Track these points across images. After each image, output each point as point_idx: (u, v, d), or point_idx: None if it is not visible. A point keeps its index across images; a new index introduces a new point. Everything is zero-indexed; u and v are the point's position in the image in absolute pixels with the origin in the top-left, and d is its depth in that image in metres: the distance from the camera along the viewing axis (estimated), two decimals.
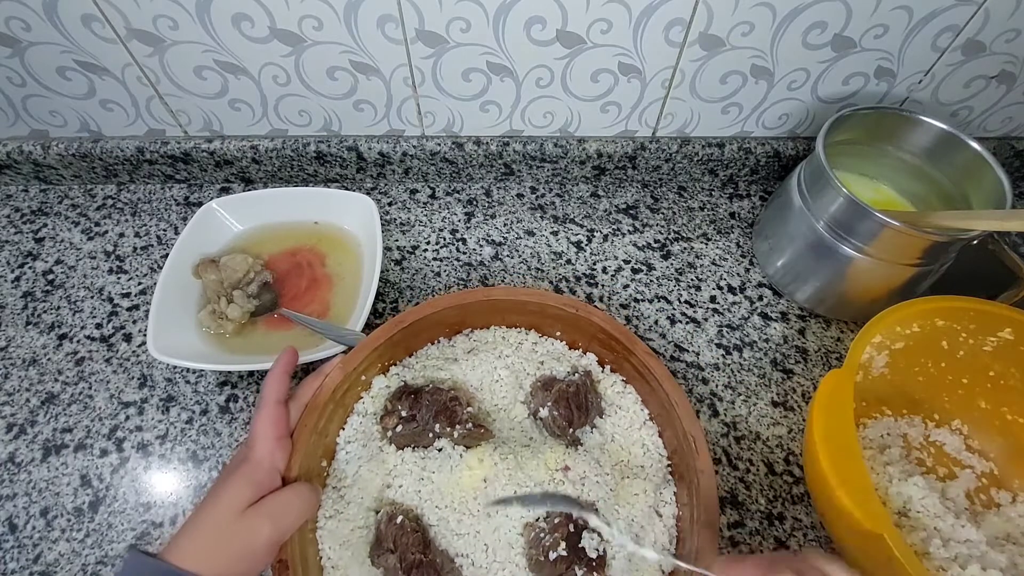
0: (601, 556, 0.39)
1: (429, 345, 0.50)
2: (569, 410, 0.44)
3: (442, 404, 0.44)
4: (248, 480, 0.36)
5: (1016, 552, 0.41)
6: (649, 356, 0.45)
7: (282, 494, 0.37)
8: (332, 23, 0.53)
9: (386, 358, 0.47)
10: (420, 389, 0.45)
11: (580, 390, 0.45)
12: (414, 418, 0.44)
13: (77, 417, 0.52)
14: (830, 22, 0.52)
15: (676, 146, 0.65)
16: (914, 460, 0.48)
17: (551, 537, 0.39)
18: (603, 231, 0.66)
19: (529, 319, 0.50)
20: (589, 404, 0.45)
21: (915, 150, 0.56)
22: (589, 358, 0.49)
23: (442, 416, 0.44)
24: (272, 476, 0.38)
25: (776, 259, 0.59)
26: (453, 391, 0.45)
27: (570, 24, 0.53)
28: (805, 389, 0.54)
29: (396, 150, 0.65)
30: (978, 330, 0.47)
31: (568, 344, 0.51)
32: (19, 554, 0.45)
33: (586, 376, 0.47)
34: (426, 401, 0.44)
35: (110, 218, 0.67)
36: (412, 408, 0.44)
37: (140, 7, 0.52)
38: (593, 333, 0.48)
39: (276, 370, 0.41)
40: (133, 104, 0.61)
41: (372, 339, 0.45)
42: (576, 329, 0.49)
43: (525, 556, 0.39)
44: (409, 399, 0.44)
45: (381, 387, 0.46)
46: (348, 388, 0.44)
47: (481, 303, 0.48)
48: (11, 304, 0.59)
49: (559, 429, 0.44)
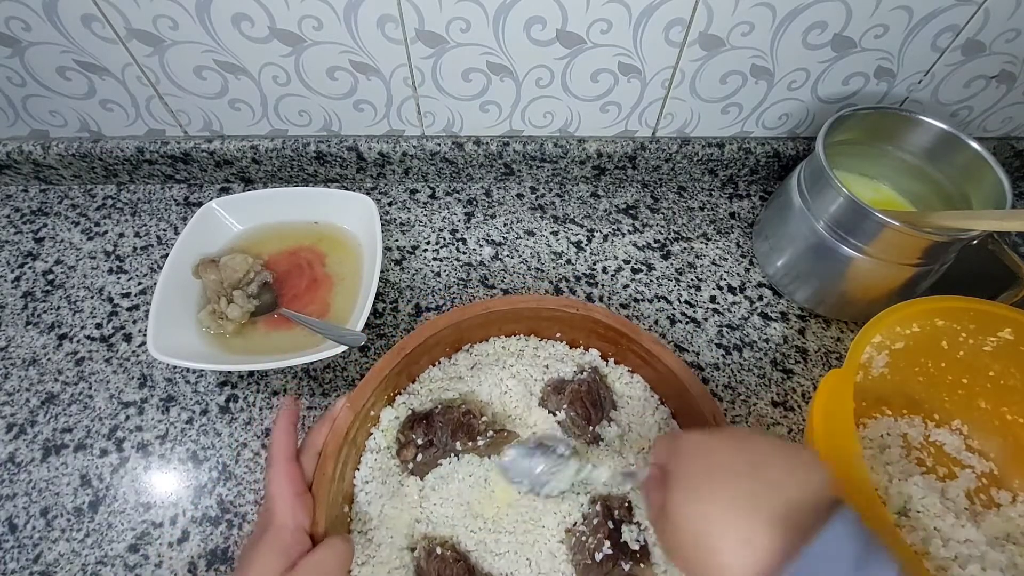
0: (643, 546, 0.39)
1: (431, 367, 0.49)
2: (585, 408, 0.44)
3: (456, 421, 0.43)
4: (276, 549, 0.34)
5: (1016, 552, 0.41)
6: (654, 343, 0.45)
7: (315, 554, 0.35)
8: (332, 23, 0.53)
9: (391, 388, 0.46)
10: (430, 413, 0.44)
11: (592, 387, 0.45)
12: (431, 443, 0.42)
13: (77, 417, 0.52)
14: (830, 22, 0.52)
15: (676, 146, 0.65)
16: (914, 460, 0.48)
17: (594, 538, 0.39)
18: (603, 231, 0.66)
19: (526, 325, 0.50)
20: (603, 399, 0.45)
21: (915, 150, 0.56)
22: (592, 354, 0.49)
23: (460, 433, 0.42)
24: (299, 538, 0.35)
25: (776, 259, 0.59)
26: (465, 406, 0.44)
27: (570, 24, 0.53)
28: (805, 389, 0.54)
29: (396, 150, 0.65)
30: (978, 330, 0.47)
31: (568, 344, 0.50)
32: (19, 554, 0.45)
33: (595, 373, 0.47)
34: (439, 422, 0.43)
35: (110, 218, 0.67)
36: (427, 433, 0.42)
37: (140, 7, 0.52)
38: (593, 329, 0.48)
39: (281, 424, 0.38)
40: (133, 104, 0.61)
41: (376, 372, 0.43)
42: (575, 328, 0.49)
43: (571, 563, 0.39)
44: (422, 425, 0.43)
45: (390, 419, 0.45)
46: (359, 427, 0.42)
47: (478, 317, 0.47)
48: (11, 304, 0.59)
49: (579, 429, 0.44)
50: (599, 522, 0.39)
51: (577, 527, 0.40)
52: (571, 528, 0.40)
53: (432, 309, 0.59)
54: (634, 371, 0.48)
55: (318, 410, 0.52)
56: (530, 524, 0.40)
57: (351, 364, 0.55)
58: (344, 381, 0.54)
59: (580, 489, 0.42)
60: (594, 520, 0.40)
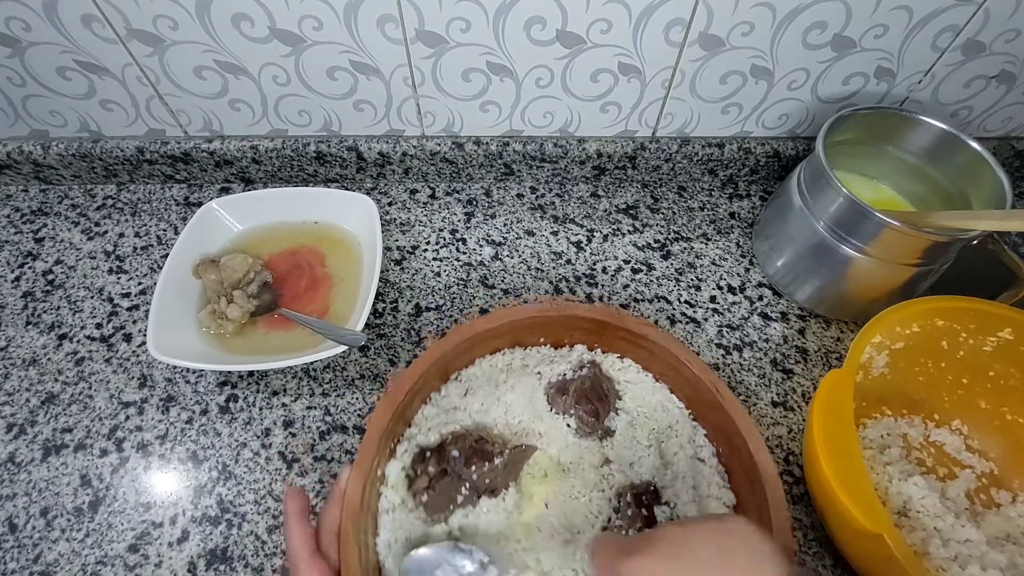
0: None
1: (424, 406, 0.46)
2: (592, 405, 0.44)
3: (469, 448, 0.41)
4: None
5: (1016, 552, 0.41)
6: (639, 324, 0.46)
7: None
8: (332, 23, 0.53)
9: (391, 440, 0.43)
10: (441, 444, 0.42)
11: (595, 382, 0.45)
12: (445, 472, 0.40)
13: (77, 417, 0.52)
14: (830, 22, 0.52)
15: (676, 146, 0.65)
16: (914, 460, 0.48)
17: (632, 529, 0.39)
18: (603, 231, 0.66)
19: (508, 338, 0.49)
20: (607, 392, 0.46)
21: (915, 150, 0.56)
22: (579, 350, 0.49)
23: (474, 459, 0.40)
24: None
25: (776, 259, 0.59)
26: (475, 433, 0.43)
27: (570, 24, 0.53)
28: (805, 389, 0.54)
29: (396, 150, 0.65)
30: (978, 330, 0.47)
31: (553, 345, 0.50)
32: (19, 554, 0.45)
33: (594, 367, 0.47)
34: (451, 451, 0.41)
35: (110, 218, 0.67)
36: (440, 462, 0.40)
37: (140, 7, 0.52)
38: (576, 326, 0.48)
39: (293, 520, 0.36)
40: (133, 104, 0.61)
41: (374, 428, 0.41)
42: (558, 328, 0.49)
43: None
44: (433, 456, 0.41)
45: (397, 472, 0.42)
46: (368, 491, 0.40)
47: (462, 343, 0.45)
48: (11, 304, 0.59)
49: (590, 427, 0.44)
50: (633, 512, 0.40)
51: (613, 523, 0.40)
52: (607, 525, 0.40)
53: (432, 309, 0.59)
54: (624, 356, 0.49)
55: (318, 410, 0.52)
56: (567, 534, 0.40)
57: (351, 364, 0.55)
58: (344, 381, 0.54)
59: None
60: (628, 512, 0.40)
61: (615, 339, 0.48)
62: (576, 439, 0.45)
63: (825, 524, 0.45)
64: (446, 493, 0.40)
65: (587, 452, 0.44)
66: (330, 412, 0.52)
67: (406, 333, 0.57)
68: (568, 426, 0.45)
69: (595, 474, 0.43)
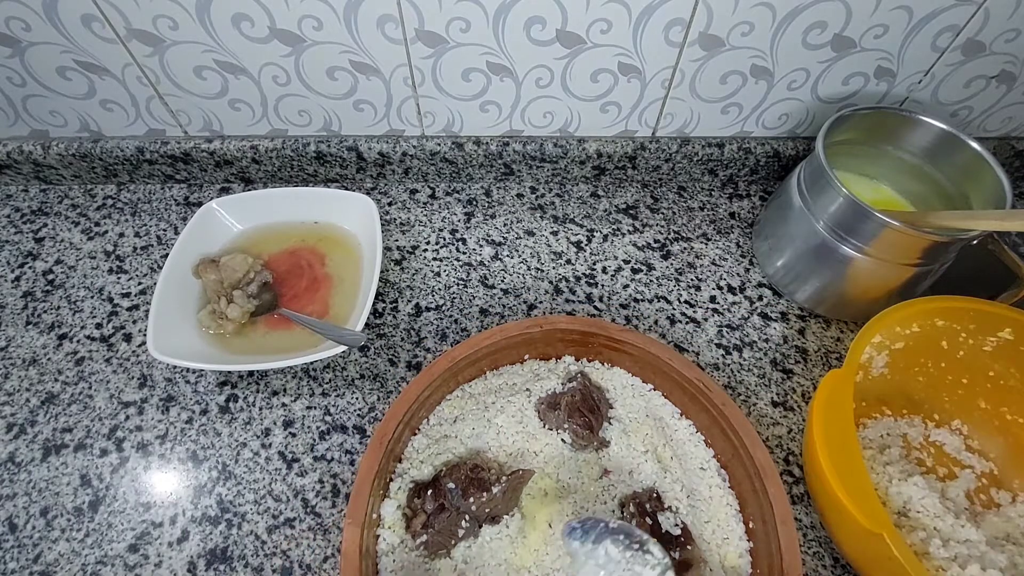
0: (684, 528, 0.39)
1: (413, 437, 0.45)
2: (585, 417, 0.44)
3: (465, 478, 0.40)
4: None
5: (1016, 552, 0.41)
6: (619, 331, 0.46)
7: None
8: (332, 23, 0.53)
9: (383, 478, 0.42)
10: (436, 477, 0.41)
11: (585, 394, 0.45)
12: (443, 507, 0.39)
13: (77, 417, 0.52)
14: (830, 22, 0.52)
15: (676, 146, 0.65)
16: (914, 460, 0.48)
17: None
18: (603, 231, 0.66)
19: (492, 360, 0.49)
20: (598, 402, 0.45)
21: (915, 150, 0.56)
22: (567, 360, 0.49)
23: (472, 489, 0.39)
24: None
25: (776, 259, 0.59)
26: (470, 461, 0.42)
27: (570, 24, 0.53)
28: (805, 389, 0.54)
29: (396, 150, 0.65)
30: (978, 330, 0.47)
31: (541, 358, 0.50)
32: (19, 554, 0.45)
33: (583, 378, 0.47)
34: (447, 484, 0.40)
35: (110, 218, 0.67)
36: (436, 497, 0.39)
37: (140, 7, 0.52)
38: (561, 338, 0.48)
39: None
40: (133, 104, 0.61)
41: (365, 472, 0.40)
42: (544, 343, 0.49)
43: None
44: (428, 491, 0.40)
45: (393, 512, 0.41)
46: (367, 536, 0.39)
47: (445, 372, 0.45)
48: (11, 304, 0.59)
49: (585, 440, 0.44)
50: (637, 522, 0.39)
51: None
52: None
53: (432, 309, 0.59)
54: (612, 364, 0.49)
55: (318, 410, 0.52)
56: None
57: (351, 364, 0.55)
58: (344, 381, 0.54)
59: None
60: (632, 523, 0.39)
61: (599, 348, 0.47)
62: (572, 453, 0.44)
63: (825, 524, 0.45)
64: (447, 529, 0.39)
65: (585, 465, 0.44)
66: (330, 412, 0.52)
67: (406, 333, 0.57)
68: (563, 441, 0.44)
69: (595, 487, 0.42)
